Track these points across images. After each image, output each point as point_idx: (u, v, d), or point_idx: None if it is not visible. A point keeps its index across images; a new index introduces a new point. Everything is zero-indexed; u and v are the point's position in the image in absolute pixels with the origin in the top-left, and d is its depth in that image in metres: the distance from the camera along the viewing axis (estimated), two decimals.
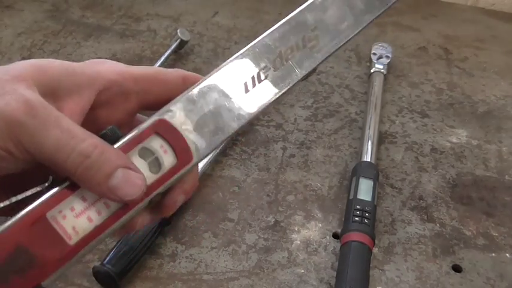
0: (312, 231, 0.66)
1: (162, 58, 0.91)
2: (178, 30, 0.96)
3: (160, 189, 0.32)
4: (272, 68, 0.37)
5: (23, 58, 0.96)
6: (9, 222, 0.29)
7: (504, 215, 0.68)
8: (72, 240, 0.30)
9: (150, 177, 0.32)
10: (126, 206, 0.31)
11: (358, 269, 0.58)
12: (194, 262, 0.62)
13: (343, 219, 0.66)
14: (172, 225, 0.65)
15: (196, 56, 0.98)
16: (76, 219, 0.30)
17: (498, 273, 0.61)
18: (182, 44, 0.96)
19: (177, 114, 0.34)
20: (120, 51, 0.99)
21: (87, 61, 0.36)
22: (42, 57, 0.95)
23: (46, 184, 0.31)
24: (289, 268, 0.62)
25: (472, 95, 0.90)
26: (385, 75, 0.90)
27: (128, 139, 0.32)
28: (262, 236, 0.65)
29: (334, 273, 0.60)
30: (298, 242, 0.65)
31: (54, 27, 1.06)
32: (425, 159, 0.76)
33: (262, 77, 0.36)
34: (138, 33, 1.04)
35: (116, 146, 0.32)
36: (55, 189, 0.30)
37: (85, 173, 0.30)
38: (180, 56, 0.97)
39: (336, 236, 0.65)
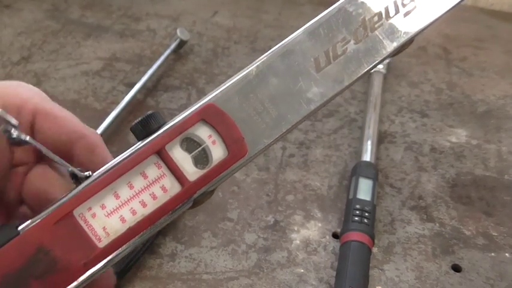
0: (311, 231, 0.66)
1: (162, 58, 0.91)
2: (177, 30, 0.96)
3: (207, 187, 0.28)
4: (352, 41, 0.30)
5: (23, 58, 0.96)
6: (31, 220, 0.26)
7: (503, 214, 0.68)
8: (102, 243, 0.26)
9: (195, 172, 0.28)
10: (166, 206, 0.27)
11: (358, 269, 0.58)
12: (194, 262, 0.62)
13: (342, 218, 0.66)
14: (172, 225, 0.65)
15: (196, 56, 0.97)
16: (107, 218, 0.27)
17: (498, 273, 0.61)
18: (182, 43, 0.96)
19: (229, 97, 0.28)
20: (119, 51, 0.99)
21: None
22: (42, 57, 0.96)
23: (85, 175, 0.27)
24: (289, 268, 0.62)
25: (471, 94, 0.90)
26: (384, 74, 0.90)
27: (168, 128, 0.28)
28: (262, 236, 0.65)
29: (334, 273, 0.60)
30: (298, 242, 0.65)
31: (53, 27, 1.06)
32: (424, 158, 0.76)
33: (339, 51, 0.29)
34: (138, 33, 1.04)
35: (155, 135, 0.28)
36: (84, 183, 0.27)
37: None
38: (179, 55, 0.97)
39: (335, 235, 0.65)
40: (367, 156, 0.72)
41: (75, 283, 0.26)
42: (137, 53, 0.99)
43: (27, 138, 0.26)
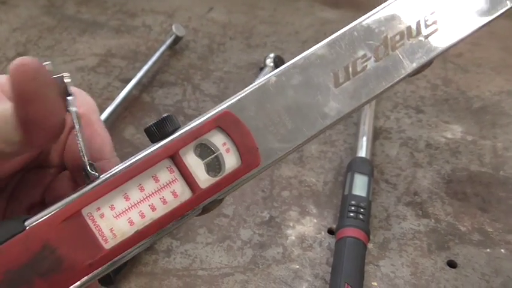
0: (307, 227, 0.66)
1: (157, 54, 0.91)
2: (173, 26, 0.96)
3: (217, 195, 0.28)
4: (373, 58, 0.30)
5: (18, 54, 0.96)
6: (38, 216, 0.26)
7: (499, 210, 0.68)
8: (108, 244, 0.26)
9: (207, 180, 0.27)
10: (175, 211, 0.27)
11: (353, 265, 0.58)
12: (189, 258, 0.62)
13: (338, 214, 0.66)
14: None
15: (191, 52, 0.97)
16: (115, 219, 0.26)
17: (493, 268, 0.62)
18: (177, 39, 0.96)
19: (246, 106, 0.28)
20: (115, 47, 0.99)
21: None
22: (37, 53, 0.95)
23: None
24: (284, 264, 0.62)
25: (467, 90, 0.90)
26: None
27: (183, 132, 0.27)
28: (257, 232, 0.65)
29: (329, 269, 0.60)
30: (293, 238, 0.65)
31: (49, 23, 1.05)
32: (420, 154, 0.76)
33: (359, 68, 0.30)
34: (133, 29, 1.04)
35: (169, 139, 0.27)
36: (94, 183, 0.26)
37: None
38: (175, 51, 0.97)
39: (331, 231, 0.65)
40: (362, 152, 0.72)
41: (78, 283, 0.26)
42: (132, 49, 0.98)
43: (74, 108, 0.26)
